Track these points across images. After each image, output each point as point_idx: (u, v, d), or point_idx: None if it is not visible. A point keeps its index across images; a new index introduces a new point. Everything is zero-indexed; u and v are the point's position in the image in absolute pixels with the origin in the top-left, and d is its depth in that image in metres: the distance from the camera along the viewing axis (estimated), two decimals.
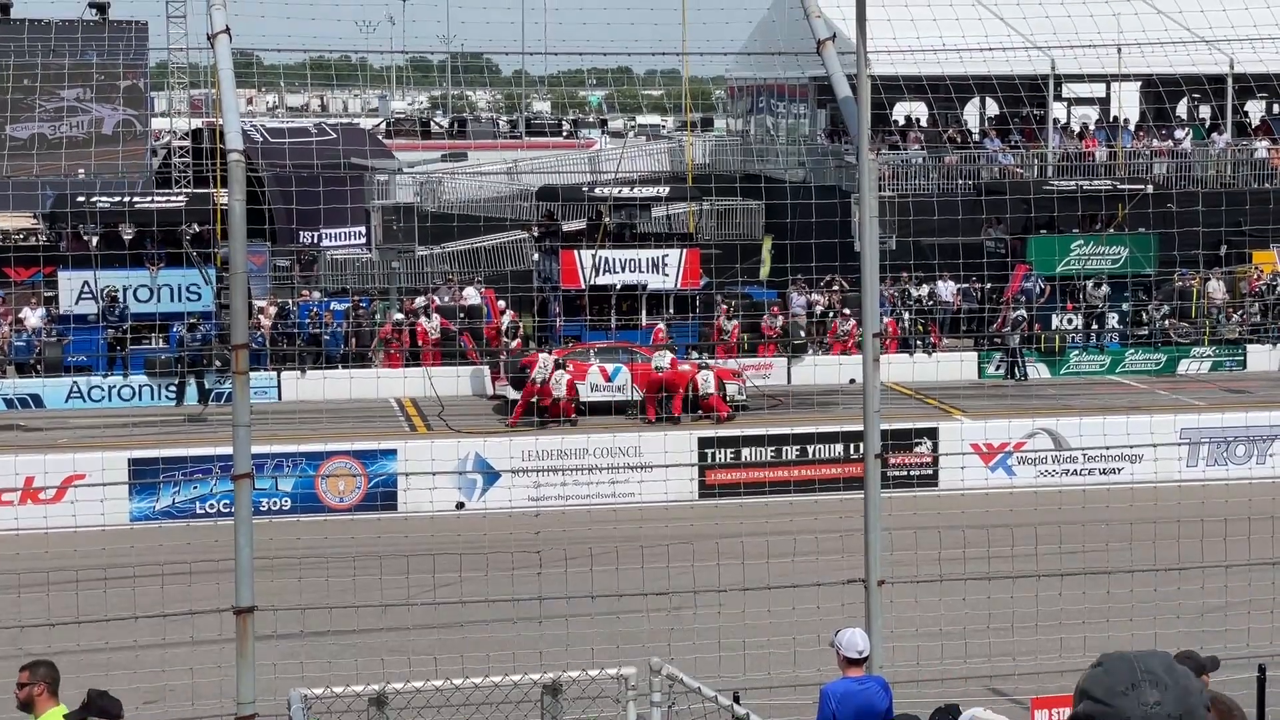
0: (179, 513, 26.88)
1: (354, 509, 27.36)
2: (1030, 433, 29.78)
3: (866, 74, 11.23)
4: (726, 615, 17.97)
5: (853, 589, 12.03)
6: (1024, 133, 45.54)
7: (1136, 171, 43.72)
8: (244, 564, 9.88)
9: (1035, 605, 17.49)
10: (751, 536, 20.16)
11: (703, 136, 59.07)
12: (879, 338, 11.62)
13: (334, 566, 20.41)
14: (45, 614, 17.23)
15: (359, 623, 18.43)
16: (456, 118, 78.99)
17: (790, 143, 50.99)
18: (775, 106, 52.99)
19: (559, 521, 25.92)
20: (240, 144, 10.03)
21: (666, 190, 42.61)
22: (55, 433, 31.12)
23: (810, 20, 11.35)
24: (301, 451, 27.86)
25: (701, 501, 28.08)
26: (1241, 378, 37.51)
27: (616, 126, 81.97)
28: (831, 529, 18.44)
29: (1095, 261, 38.62)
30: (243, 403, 10.08)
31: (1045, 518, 21.02)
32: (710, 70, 62.27)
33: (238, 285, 10.14)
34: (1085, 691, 3.15)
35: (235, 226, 10.05)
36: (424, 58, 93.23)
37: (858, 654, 10.67)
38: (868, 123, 11.43)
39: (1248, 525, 18.40)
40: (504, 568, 20.15)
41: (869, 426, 11.25)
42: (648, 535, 22.33)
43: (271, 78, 63.84)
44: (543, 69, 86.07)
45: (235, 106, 10.47)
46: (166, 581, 17.93)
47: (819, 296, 38.77)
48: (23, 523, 25.35)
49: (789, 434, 29.32)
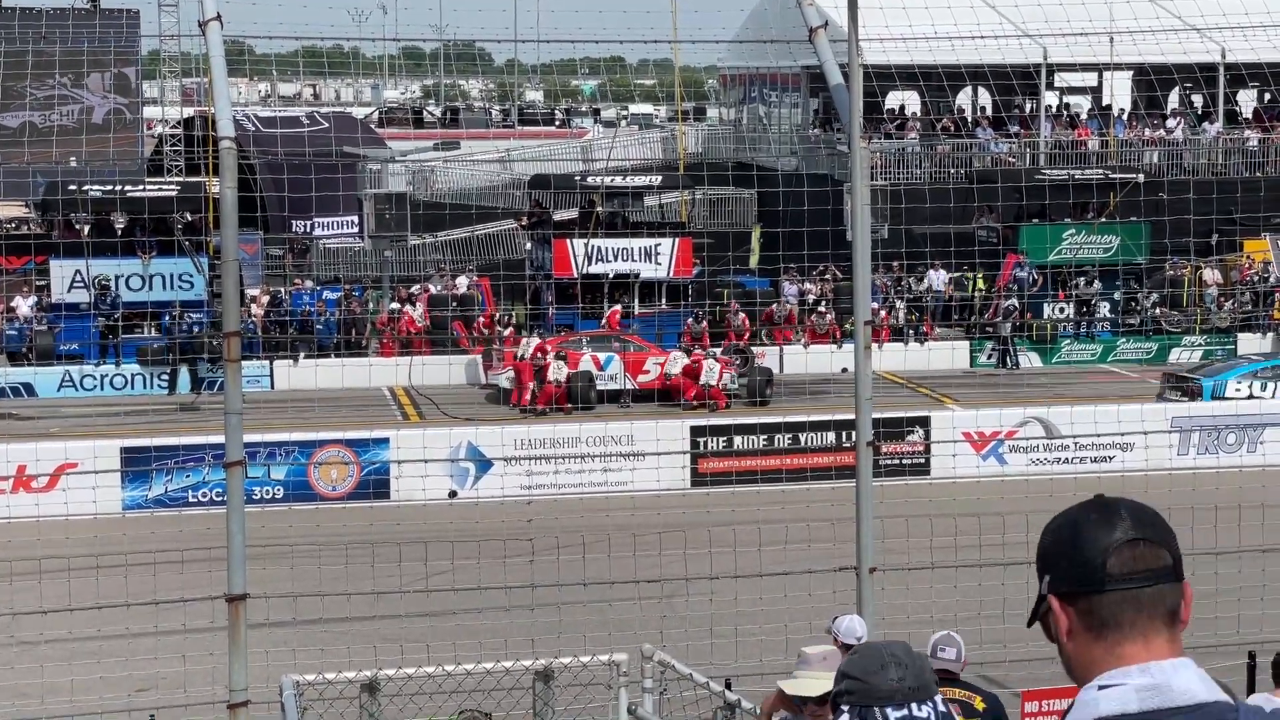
0: (172, 501, 26.87)
1: (347, 497, 27.36)
2: (1022, 421, 29.82)
3: (858, 62, 11.25)
4: (719, 603, 18.00)
5: (845, 576, 12.06)
6: (1017, 121, 45.58)
7: (1128, 160, 43.76)
8: (236, 551, 9.89)
9: (1026, 593, 17.45)
10: (744, 524, 20.19)
11: (695, 125, 59.07)
12: (870, 325, 11.65)
13: (326, 554, 20.42)
14: (38, 602, 17.23)
15: (351, 610, 18.44)
16: (449, 107, 78.94)
17: (782, 132, 50.99)
18: (768, 95, 52.99)
19: (551, 510, 25.93)
20: (232, 131, 10.04)
21: (659, 179, 42.61)
22: (47, 421, 31.11)
23: (802, 8, 11.36)
24: (294, 440, 27.86)
25: (694, 490, 28.10)
26: None
27: (609, 115, 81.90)
28: (823, 517, 18.47)
29: (1087, 250, 38.69)
30: (235, 391, 10.09)
31: (1037, 506, 21.02)
32: (703, 59, 62.39)
33: (229, 273, 10.16)
34: (845, 673, 3.75)
35: (227, 214, 10.06)
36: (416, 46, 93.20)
37: (856, 640, 10.70)
38: (859, 111, 11.44)
39: (1238, 513, 18.45)
40: (496, 556, 20.16)
41: (861, 415, 11.28)
42: (640, 523, 22.35)
43: (264, 66, 63.80)
44: (535, 58, 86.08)
45: (226, 94, 10.47)
46: (159, 570, 17.93)
47: (811, 285, 38.79)
48: (15, 511, 25.32)
49: (781, 422, 29.35)
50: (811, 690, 7.00)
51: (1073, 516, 2.93)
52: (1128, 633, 2.82)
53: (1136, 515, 2.88)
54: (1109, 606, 2.83)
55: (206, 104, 43.90)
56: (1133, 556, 2.83)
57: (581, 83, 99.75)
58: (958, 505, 21.02)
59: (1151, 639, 2.82)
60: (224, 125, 10.09)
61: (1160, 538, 2.87)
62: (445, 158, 53.68)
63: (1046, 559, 2.96)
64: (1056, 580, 2.91)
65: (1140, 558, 2.84)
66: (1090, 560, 2.85)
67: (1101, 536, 2.86)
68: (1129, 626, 2.82)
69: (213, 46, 10.35)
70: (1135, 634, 2.82)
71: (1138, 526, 2.86)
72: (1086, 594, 2.84)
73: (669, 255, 37.27)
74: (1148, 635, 2.82)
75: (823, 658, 7.20)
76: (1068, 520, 2.94)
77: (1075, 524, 2.91)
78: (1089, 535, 2.87)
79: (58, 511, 24.65)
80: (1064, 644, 2.92)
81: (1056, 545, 2.94)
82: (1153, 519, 2.89)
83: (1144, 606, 2.82)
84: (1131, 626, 2.82)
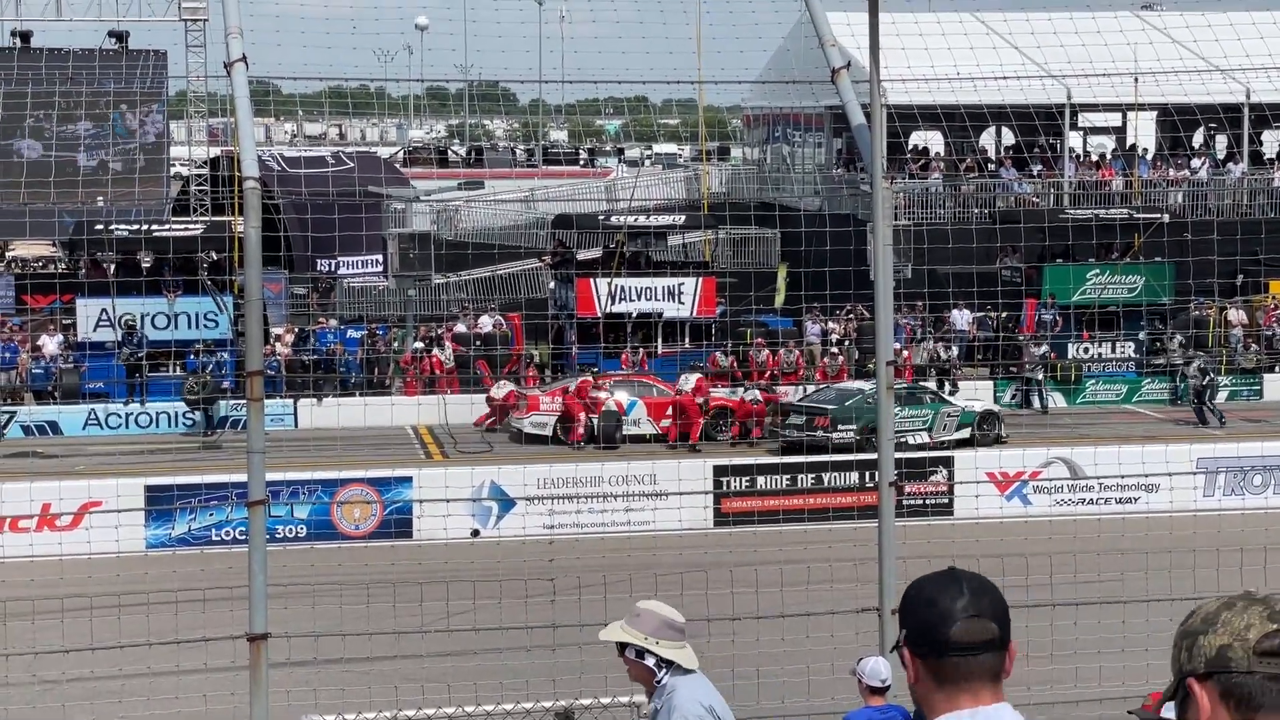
0: (194, 539, 26.90)
1: (369, 536, 27.37)
2: (1046, 461, 29.71)
3: (881, 103, 11.26)
4: (740, 644, 17.92)
5: (867, 618, 12.00)
6: (1040, 161, 45.56)
7: (1152, 200, 43.70)
8: (258, 591, 9.88)
9: (1050, 635, 17.42)
10: (766, 565, 20.12)
11: (719, 165, 59.17)
12: (892, 365, 11.62)
13: (348, 593, 20.39)
14: (60, 641, 17.24)
15: (372, 650, 18.41)
16: (474, 146, 79.20)
17: (806, 171, 51.04)
18: (791, 135, 53.07)
19: (573, 549, 25.89)
20: (256, 171, 10.06)
21: (682, 218, 42.67)
22: (72, 460, 31.18)
23: (825, 49, 11.38)
24: (317, 479, 27.89)
25: (716, 529, 28.05)
26: (1258, 407, 37.42)
27: (633, 155, 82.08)
28: (846, 557, 18.39)
29: (1111, 291, 38.59)
30: (257, 429, 10.09)
31: (1061, 547, 20.96)
32: (726, 99, 62.50)
33: (253, 313, 10.16)
34: None
35: (251, 254, 10.08)
36: (441, 86, 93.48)
37: (880, 683, 10.65)
38: (882, 151, 11.45)
39: (1264, 555, 18.33)
40: (518, 595, 20.12)
41: (883, 454, 11.24)
42: (662, 563, 22.30)
43: (289, 106, 64.11)
44: (559, 98, 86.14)
45: (251, 134, 10.51)
46: (181, 608, 17.93)
47: (835, 325, 38.75)
48: (38, 550, 25.37)
49: (804, 462, 29.30)
50: (605, 635, 7.31)
51: (927, 587, 3.62)
52: (962, 686, 3.54)
53: (976, 592, 3.57)
54: (948, 668, 3.54)
55: (232, 144, 44.17)
56: (967, 630, 3.52)
57: (606, 122, 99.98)
58: (981, 546, 20.92)
59: (979, 691, 3.55)
60: (249, 165, 10.12)
61: (992, 612, 3.56)
62: (469, 197, 53.82)
63: (903, 617, 3.64)
64: (909, 638, 3.59)
65: (974, 631, 3.53)
66: (936, 628, 3.54)
67: (946, 609, 3.54)
68: (963, 682, 3.54)
69: (238, 87, 10.39)
70: (968, 688, 3.55)
71: (975, 604, 3.55)
72: (932, 655, 3.54)
73: (692, 295, 37.29)
74: (976, 689, 3.55)
75: (636, 614, 7.34)
76: (922, 589, 3.62)
77: (928, 596, 3.59)
78: (936, 607, 3.55)
79: (81, 550, 24.67)
80: (912, 685, 3.62)
81: (911, 609, 3.61)
82: (990, 596, 3.58)
83: (974, 669, 3.54)
84: (965, 682, 3.54)
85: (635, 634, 7.24)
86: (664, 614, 7.38)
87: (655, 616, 7.32)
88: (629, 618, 7.31)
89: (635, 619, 7.30)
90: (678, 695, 7.17)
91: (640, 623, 7.28)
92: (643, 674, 7.31)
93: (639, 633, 7.25)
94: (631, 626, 7.29)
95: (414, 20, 75.78)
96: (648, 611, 7.35)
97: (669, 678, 7.22)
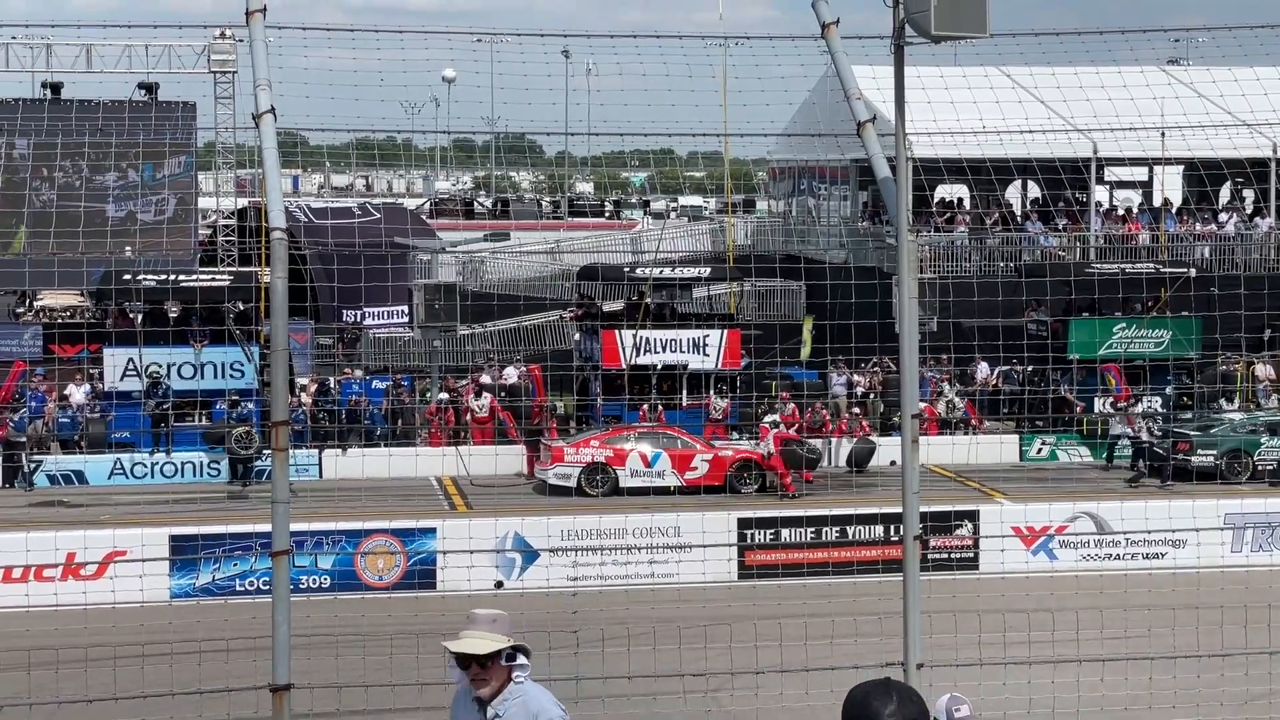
0: (219, 589, 26.89)
1: (393, 587, 27.32)
2: (1072, 516, 29.56)
3: (906, 156, 11.28)
4: (764, 697, 17.84)
5: (892, 672, 11.92)
6: (1066, 215, 45.54)
7: (1179, 255, 43.63)
8: (281, 641, 9.87)
9: (1077, 691, 17.29)
10: (789, 618, 20.03)
11: (744, 217, 59.33)
12: (918, 419, 11.59)
13: (371, 645, 20.35)
14: (84, 690, 17.23)
15: (395, 701, 18.35)
16: (500, 198, 79.57)
17: (831, 224, 51.10)
18: (817, 188, 53.19)
19: (596, 601, 25.80)
20: (283, 222, 10.11)
21: (708, 271, 42.74)
22: (97, 509, 31.23)
23: (850, 102, 11.41)
24: (341, 529, 27.89)
25: (740, 582, 27.94)
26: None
27: (658, 207, 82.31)
28: (870, 611, 18.31)
29: (1138, 345, 38.48)
30: (282, 480, 10.10)
31: (1087, 602, 20.83)
32: (752, 152, 62.64)
33: (279, 363, 10.19)
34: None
35: (277, 304, 10.12)
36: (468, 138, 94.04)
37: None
38: (907, 204, 11.46)
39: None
40: (541, 647, 20.02)
41: (908, 508, 11.20)
42: (686, 616, 22.21)
43: (317, 158, 64.47)
44: (585, 150, 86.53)
45: (279, 185, 10.57)
46: (204, 658, 17.91)
47: (860, 378, 38.70)
48: (63, 599, 25.35)
49: (828, 515, 29.20)
50: (478, 648, 6.99)
51: (864, 695, 5.02)
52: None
53: (902, 699, 4.99)
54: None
55: (260, 195, 44.40)
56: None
57: (631, 175, 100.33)
58: (1006, 601, 20.80)
59: None
60: (276, 217, 10.18)
61: (914, 716, 4.94)
62: (495, 248, 54.02)
63: (844, 717, 5.04)
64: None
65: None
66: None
67: (875, 712, 4.95)
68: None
69: (266, 139, 10.46)
70: None
71: (901, 710, 4.93)
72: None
73: (717, 347, 37.29)
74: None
75: (492, 620, 7.13)
76: (861, 695, 5.04)
77: (864, 700, 5.01)
78: (868, 710, 4.97)
79: (105, 599, 24.66)
80: None
81: (848, 712, 5.05)
82: (918, 706, 4.97)
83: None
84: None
85: (502, 639, 7.10)
86: (505, 614, 7.27)
87: (504, 618, 7.15)
88: (483, 625, 7.08)
89: (493, 624, 7.09)
90: (529, 696, 7.07)
91: (498, 627, 7.12)
92: (502, 679, 7.15)
93: (504, 636, 7.11)
94: (495, 632, 7.12)
95: (441, 73, 76.20)
96: (499, 615, 7.17)
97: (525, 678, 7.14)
